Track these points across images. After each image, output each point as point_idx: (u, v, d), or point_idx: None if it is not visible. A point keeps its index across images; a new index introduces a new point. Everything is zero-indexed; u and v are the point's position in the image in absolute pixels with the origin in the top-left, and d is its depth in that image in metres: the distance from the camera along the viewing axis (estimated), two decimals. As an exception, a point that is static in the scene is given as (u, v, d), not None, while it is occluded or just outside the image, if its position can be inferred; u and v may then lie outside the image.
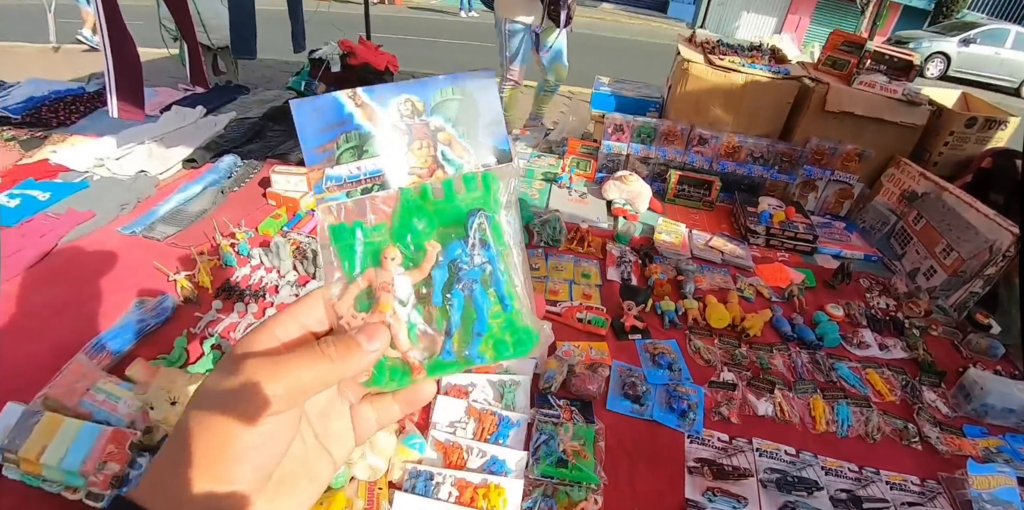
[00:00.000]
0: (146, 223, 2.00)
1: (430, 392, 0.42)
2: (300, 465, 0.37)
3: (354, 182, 0.39)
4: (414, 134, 0.40)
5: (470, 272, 0.39)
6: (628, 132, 2.56)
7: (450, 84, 0.41)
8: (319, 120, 0.39)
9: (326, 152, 0.39)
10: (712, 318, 1.72)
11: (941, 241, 2.10)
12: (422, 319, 0.39)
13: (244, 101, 3.40)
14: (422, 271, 0.39)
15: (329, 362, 0.34)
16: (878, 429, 1.45)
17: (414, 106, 0.40)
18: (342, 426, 0.40)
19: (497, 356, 0.40)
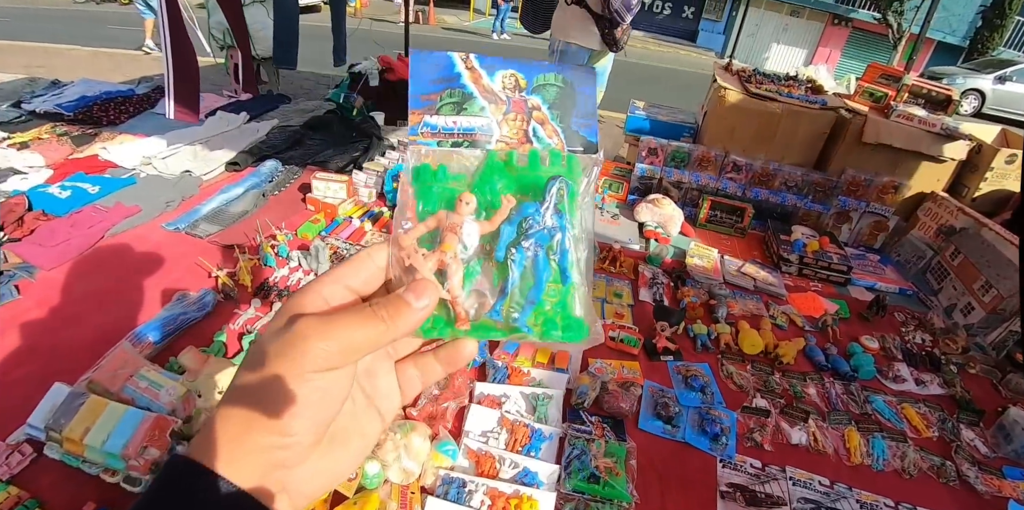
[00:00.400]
0: (189, 221, 2.06)
1: (471, 352, 0.41)
2: (352, 422, 0.38)
3: (447, 134, 0.41)
4: (511, 106, 0.42)
5: (539, 234, 0.39)
6: (662, 156, 2.58)
7: (555, 71, 0.43)
8: (431, 72, 0.42)
9: (429, 101, 0.41)
10: (745, 344, 1.70)
11: (980, 277, 2.07)
12: (481, 271, 0.39)
13: (285, 110, 3.50)
14: (492, 223, 0.39)
15: (381, 323, 0.34)
16: (915, 465, 1.42)
17: (518, 81, 0.42)
18: (389, 384, 0.41)
19: (544, 334, 0.39)
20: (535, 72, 0.42)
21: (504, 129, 0.42)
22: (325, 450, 0.36)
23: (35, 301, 1.60)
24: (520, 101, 0.42)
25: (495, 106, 0.42)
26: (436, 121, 0.41)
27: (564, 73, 0.43)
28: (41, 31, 8.75)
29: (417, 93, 0.41)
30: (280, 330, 0.34)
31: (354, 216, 2.17)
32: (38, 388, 1.19)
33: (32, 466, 1.13)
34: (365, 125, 3.02)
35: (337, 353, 0.33)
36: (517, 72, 0.42)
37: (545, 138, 0.42)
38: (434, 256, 0.37)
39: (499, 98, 0.42)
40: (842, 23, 16.72)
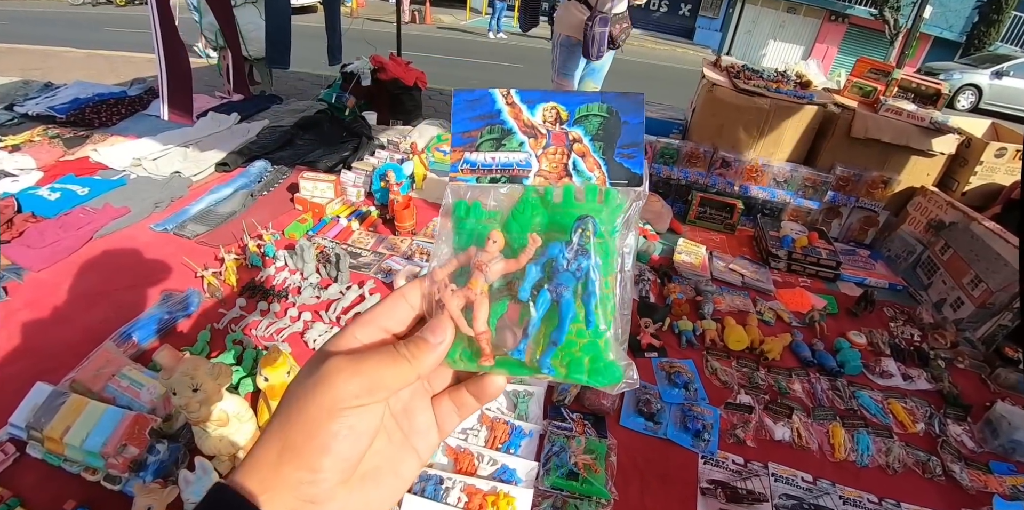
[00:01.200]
0: (178, 221, 2.06)
1: (500, 386, 0.41)
2: (385, 461, 0.38)
3: (486, 170, 0.41)
4: (552, 139, 0.42)
5: (563, 276, 0.38)
6: (651, 153, 2.58)
7: (598, 101, 0.42)
8: (472, 110, 0.42)
9: (470, 138, 0.42)
10: (730, 340, 1.70)
11: (969, 272, 2.06)
12: (507, 310, 0.39)
13: (277, 110, 3.50)
14: (519, 262, 0.39)
15: (405, 361, 0.36)
16: (899, 460, 1.42)
17: (559, 113, 0.42)
18: (426, 421, 0.41)
19: (569, 375, 0.38)
20: (577, 103, 0.42)
21: (543, 163, 0.41)
22: (356, 488, 0.36)
23: (23, 302, 1.61)
24: (561, 134, 0.42)
25: (535, 140, 0.42)
26: (476, 158, 0.42)
27: (609, 102, 0.42)
28: (37, 34, 8.75)
29: (459, 131, 0.42)
30: (313, 370, 0.36)
31: (341, 215, 2.17)
32: (23, 388, 1.20)
33: (14, 465, 1.14)
34: (355, 125, 3.02)
35: (365, 391, 0.35)
36: (559, 104, 0.42)
37: (586, 171, 0.41)
38: (461, 293, 0.38)
39: (539, 132, 0.42)
40: (839, 19, 16.68)
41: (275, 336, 1.54)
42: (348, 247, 1.98)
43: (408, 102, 4.14)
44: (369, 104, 3.73)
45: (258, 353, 1.43)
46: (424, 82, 4.35)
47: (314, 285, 1.74)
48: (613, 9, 3.13)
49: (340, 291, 1.72)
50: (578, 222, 0.38)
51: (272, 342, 1.50)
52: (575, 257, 0.38)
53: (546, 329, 0.38)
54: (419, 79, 4.27)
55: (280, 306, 1.65)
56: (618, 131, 0.41)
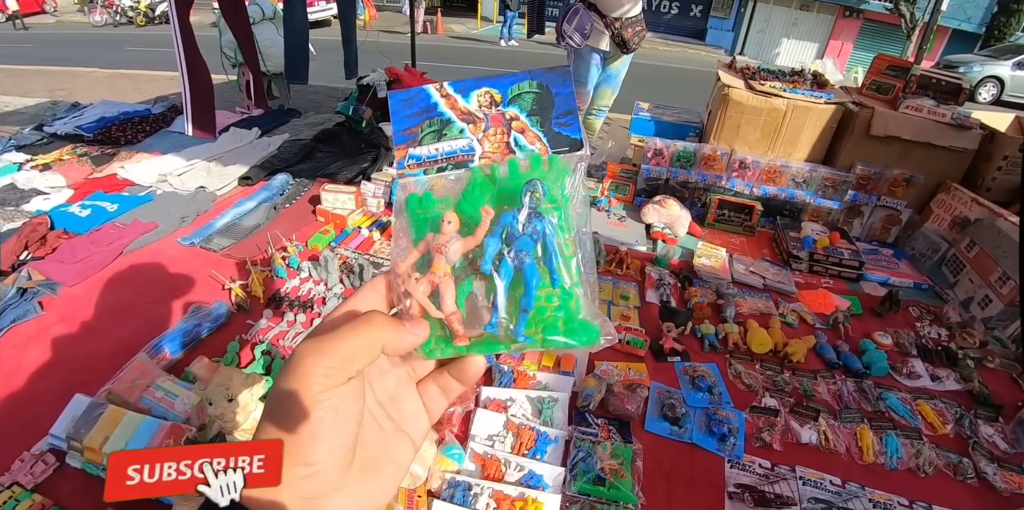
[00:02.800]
0: (204, 235, 2.12)
1: (481, 366, 0.41)
2: (382, 450, 0.39)
3: (432, 161, 0.42)
4: (490, 122, 0.43)
5: (520, 240, 0.38)
6: (668, 156, 2.58)
7: (528, 78, 0.43)
8: (409, 108, 0.44)
9: (411, 134, 0.43)
10: (753, 343, 1.69)
11: (996, 269, 2.02)
12: (474, 288, 0.39)
13: (296, 124, 3.58)
14: (476, 238, 0.39)
15: (371, 328, 0.35)
16: (930, 463, 1.39)
17: (492, 97, 0.43)
18: (414, 407, 0.42)
19: (546, 341, 0.38)
20: (508, 84, 0.43)
21: (486, 145, 0.42)
22: (358, 478, 0.36)
23: (58, 316, 1.66)
24: (498, 115, 0.43)
25: (474, 126, 0.43)
26: (420, 152, 0.43)
27: (537, 78, 0.43)
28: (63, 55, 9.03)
29: (399, 130, 0.43)
30: (288, 364, 0.35)
31: (363, 226, 2.20)
32: (60, 400, 1.24)
33: (55, 474, 1.18)
34: (373, 136, 3.07)
35: (336, 366, 0.34)
36: (491, 88, 0.43)
37: (528, 145, 0.42)
38: (425, 279, 0.38)
39: (476, 117, 0.43)
40: (853, 15, 16.46)
41: (301, 346, 1.56)
42: (370, 257, 2.01)
43: (423, 112, 4.20)
44: (385, 115, 3.79)
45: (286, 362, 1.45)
46: (438, 92, 4.39)
47: (338, 295, 1.77)
48: (627, 13, 3.14)
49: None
50: (526, 186, 0.39)
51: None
52: (528, 220, 0.38)
53: (515, 298, 0.38)
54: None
55: (306, 316, 1.69)
56: (551, 103, 0.43)
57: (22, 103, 4.58)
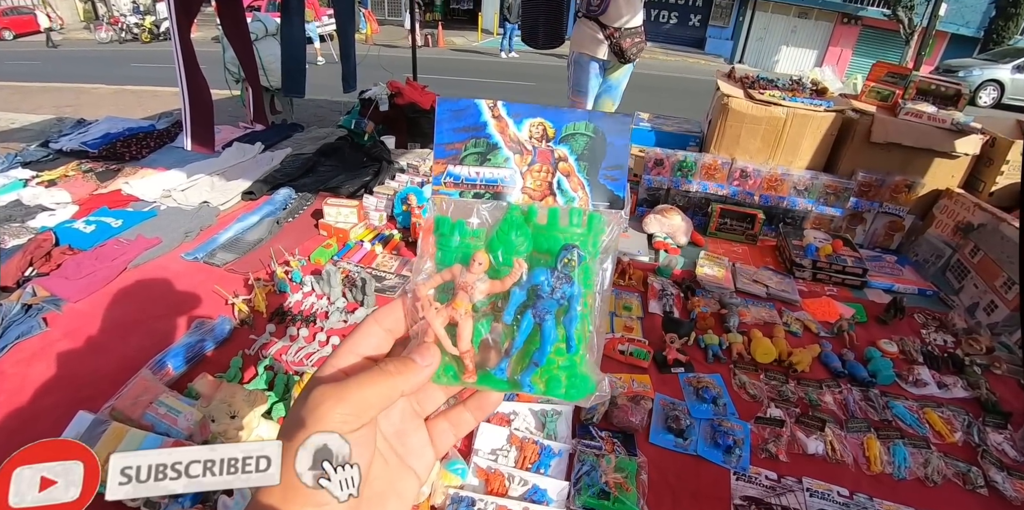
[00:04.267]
0: (207, 250, 2.13)
1: (498, 398, 0.43)
2: (387, 485, 0.39)
3: (469, 184, 0.41)
4: (537, 156, 0.42)
5: (547, 302, 0.39)
6: (668, 166, 2.59)
7: (586, 119, 0.42)
8: (456, 120, 0.42)
9: (453, 150, 0.42)
10: (757, 353, 1.69)
11: (1001, 275, 2.01)
12: (490, 330, 0.40)
13: (298, 138, 3.60)
14: (503, 284, 0.39)
15: (389, 378, 0.37)
16: (939, 472, 1.38)
17: (546, 131, 0.42)
18: (420, 441, 0.42)
19: (548, 391, 0.40)
20: (564, 121, 0.42)
21: (528, 181, 0.42)
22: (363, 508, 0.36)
23: (62, 332, 1.67)
24: (547, 151, 0.42)
25: (520, 156, 0.42)
26: (459, 171, 0.42)
27: (595, 122, 0.42)
28: (69, 72, 9.16)
29: (442, 142, 0.42)
30: (302, 403, 0.36)
31: (365, 239, 2.21)
32: (65, 416, 1.25)
33: (59, 494, 1.17)
34: (375, 150, 3.09)
35: (352, 415, 0.35)
36: (546, 121, 0.42)
37: (570, 191, 0.41)
38: (445, 311, 0.39)
39: (525, 148, 0.42)
40: (851, 21, 16.56)
41: (304, 361, 1.57)
42: (373, 271, 2.01)
43: (426, 125, 4.22)
44: (387, 128, 3.81)
45: (289, 378, 1.46)
46: (439, 104, 4.42)
47: (341, 309, 1.78)
48: (627, 24, 3.17)
49: (367, 315, 1.75)
50: (563, 251, 0.39)
51: (302, 367, 1.54)
52: (560, 285, 0.39)
53: (527, 349, 0.40)
54: (435, 102, 4.35)
55: (308, 331, 1.69)
56: (603, 152, 0.42)
57: (28, 120, 4.64)
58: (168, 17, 2.49)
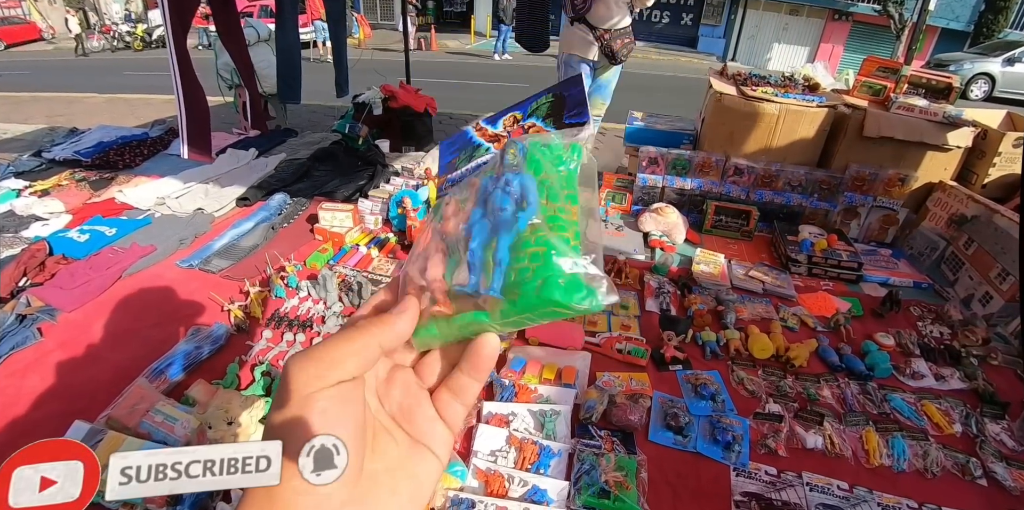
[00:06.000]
0: (202, 257, 2.12)
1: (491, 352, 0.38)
2: (397, 464, 0.37)
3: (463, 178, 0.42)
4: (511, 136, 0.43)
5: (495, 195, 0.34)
6: (663, 165, 2.59)
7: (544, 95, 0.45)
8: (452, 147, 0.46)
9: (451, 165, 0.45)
10: (755, 348, 1.69)
11: (996, 266, 2.02)
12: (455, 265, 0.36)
13: (292, 143, 3.60)
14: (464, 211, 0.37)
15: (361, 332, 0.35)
16: (938, 464, 1.38)
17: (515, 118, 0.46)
18: (428, 416, 0.40)
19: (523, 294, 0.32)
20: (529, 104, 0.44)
21: None
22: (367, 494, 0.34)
23: (57, 343, 1.66)
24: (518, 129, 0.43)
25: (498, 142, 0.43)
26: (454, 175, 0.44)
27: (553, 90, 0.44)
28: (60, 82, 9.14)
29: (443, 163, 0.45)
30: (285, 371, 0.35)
31: (361, 243, 2.21)
32: (60, 427, 1.24)
33: (56, 504, 1.17)
34: (369, 154, 3.09)
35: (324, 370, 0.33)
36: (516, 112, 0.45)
37: None
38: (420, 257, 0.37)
39: (501, 136, 0.43)
40: (842, 18, 16.64)
41: (301, 365, 1.56)
42: (369, 274, 2.01)
43: (419, 128, 4.23)
44: (382, 132, 3.82)
45: (286, 383, 1.45)
46: (434, 108, 4.44)
47: (337, 314, 1.77)
48: (616, 25, 3.18)
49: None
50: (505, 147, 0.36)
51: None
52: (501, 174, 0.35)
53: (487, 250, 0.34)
54: (429, 105, 4.36)
55: (306, 336, 1.68)
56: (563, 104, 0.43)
57: (20, 130, 4.63)
58: (162, 24, 2.50)
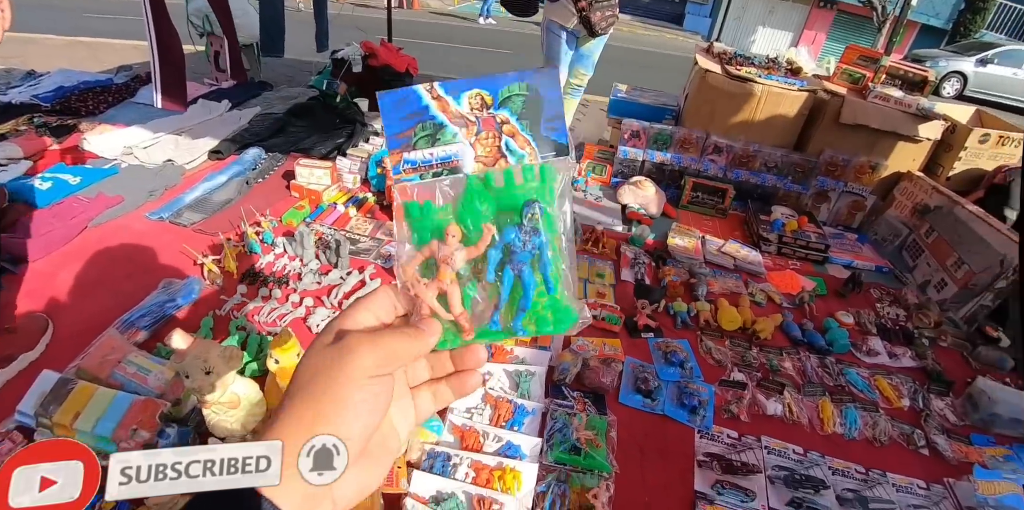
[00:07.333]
0: (173, 209, 2.06)
1: (476, 381, 0.47)
2: (380, 438, 0.43)
3: (427, 166, 0.44)
4: (482, 125, 0.45)
5: (521, 255, 0.44)
6: (644, 138, 2.61)
7: (517, 80, 0.45)
8: (400, 109, 0.44)
9: (404, 138, 0.44)
10: (723, 320, 1.75)
11: (952, 254, 2.12)
12: (477, 291, 0.45)
13: (268, 97, 3.47)
14: (478, 249, 0.44)
15: (411, 338, 0.42)
16: (885, 433, 1.47)
17: (483, 100, 0.45)
18: (406, 406, 0.46)
19: (539, 330, 0.45)
20: (499, 86, 0.45)
21: (479, 150, 0.45)
22: (361, 463, 0.39)
23: (20, 293, 1.60)
24: (489, 118, 0.45)
25: (466, 129, 0.45)
26: (414, 156, 0.44)
27: (526, 80, 0.45)
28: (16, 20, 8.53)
29: (392, 133, 0.44)
30: (330, 345, 0.40)
31: (339, 202, 2.18)
32: (26, 378, 1.21)
33: (23, 451, 1.15)
34: (348, 111, 3.00)
35: (384, 361, 0.39)
36: (482, 90, 0.45)
37: (518, 150, 0.45)
38: (433, 285, 0.43)
39: (468, 120, 0.44)
40: (827, 6, 16.69)
41: (278, 321, 1.55)
42: (347, 233, 1.99)
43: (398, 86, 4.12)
44: (360, 91, 3.70)
45: (262, 339, 1.44)
46: (415, 68, 4.31)
47: (314, 271, 1.76)
48: None
49: (341, 277, 1.74)
50: (526, 207, 0.43)
51: (275, 327, 1.52)
52: (529, 238, 0.44)
53: (513, 299, 0.44)
54: (410, 65, 4.23)
55: (281, 292, 1.67)
56: (540, 107, 0.45)
57: (-29, 70, 4.33)
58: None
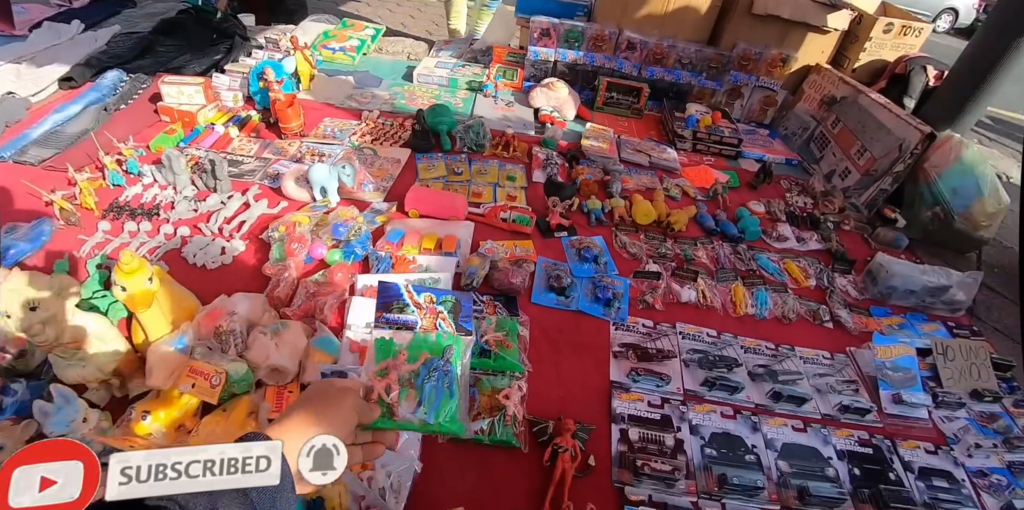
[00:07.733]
0: (17, 147, 1.75)
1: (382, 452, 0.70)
2: None
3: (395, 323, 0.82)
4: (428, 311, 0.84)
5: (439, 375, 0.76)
6: (555, 37, 2.44)
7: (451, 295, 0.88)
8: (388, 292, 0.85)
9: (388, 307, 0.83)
10: (638, 215, 1.71)
11: (856, 143, 2.16)
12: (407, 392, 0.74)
13: (129, 15, 3.00)
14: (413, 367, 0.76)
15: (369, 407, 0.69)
16: (794, 311, 1.52)
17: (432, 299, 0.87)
18: None
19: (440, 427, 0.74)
20: (442, 295, 0.87)
21: (425, 321, 0.83)
22: None
23: None
24: (432, 308, 0.85)
25: (420, 310, 0.83)
26: (390, 316, 0.82)
27: (456, 296, 0.88)
28: None
29: (382, 302, 0.83)
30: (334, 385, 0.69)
31: (217, 123, 1.93)
32: None
33: None
34: (227, 24, 2.63)
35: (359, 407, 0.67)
36: (433, 296, 0.86)
37: (445, 327, 0.83)
38: (385, 381, 0.74)
39: (422, 306, 0.84)
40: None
41: (148, 256, 1.38)
42: (228, 155, 1.77)
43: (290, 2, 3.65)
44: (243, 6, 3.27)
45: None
46: (303, -19, 3.84)
47: (190, 198, 1.56)
48: None
49: (221, 201, 1.56)
50: (445, 353, 0.79)
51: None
52: (444, 367, 0.77)
53: (430, 403, 0.73)
54: (299, -23, 3.76)
55: (152, 224, 1.48)
56: (460, 309, 0.86)
57: None
58: None
